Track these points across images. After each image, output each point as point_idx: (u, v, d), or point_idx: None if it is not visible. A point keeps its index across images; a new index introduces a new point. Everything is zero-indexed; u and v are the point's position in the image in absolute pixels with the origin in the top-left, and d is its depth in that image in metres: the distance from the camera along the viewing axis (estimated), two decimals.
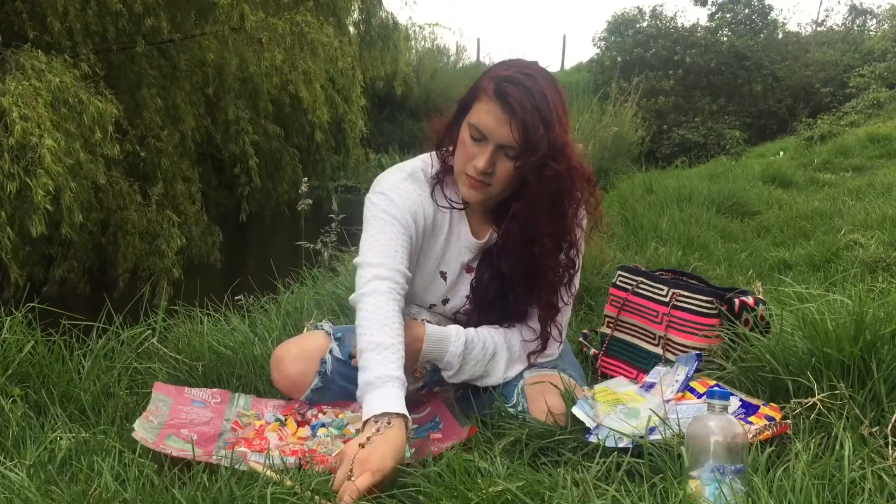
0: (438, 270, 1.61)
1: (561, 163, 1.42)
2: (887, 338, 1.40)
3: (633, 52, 14.91)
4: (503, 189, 1.47)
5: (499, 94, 1.39)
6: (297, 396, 1.65)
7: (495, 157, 1.43)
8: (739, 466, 1.12)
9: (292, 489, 1.21)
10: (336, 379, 1.64)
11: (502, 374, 1.59)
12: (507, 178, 1.45)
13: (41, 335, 1.80)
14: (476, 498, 1.12)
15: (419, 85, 14.05)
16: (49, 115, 4.35)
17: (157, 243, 5.61)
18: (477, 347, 1.56)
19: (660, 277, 1.89)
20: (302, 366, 1.62)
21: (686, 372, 1.51)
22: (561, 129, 1.41)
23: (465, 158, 1.46)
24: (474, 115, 1.44)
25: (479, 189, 1.47)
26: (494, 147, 1.42)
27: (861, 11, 17.00)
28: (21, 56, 4.59)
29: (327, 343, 1.65)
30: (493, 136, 1.41)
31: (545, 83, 1.41)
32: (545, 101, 1.39)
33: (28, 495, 1.20)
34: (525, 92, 1.38)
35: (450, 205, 1.57)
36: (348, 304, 1.53)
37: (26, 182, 4.14)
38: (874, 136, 7.87)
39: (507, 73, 1.42)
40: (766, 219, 4.63)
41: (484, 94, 1.43)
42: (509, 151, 1.42)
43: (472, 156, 1.44)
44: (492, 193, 1.48)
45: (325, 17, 7.42)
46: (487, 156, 1.42)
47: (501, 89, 1.39)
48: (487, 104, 1.41)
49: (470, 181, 1.46)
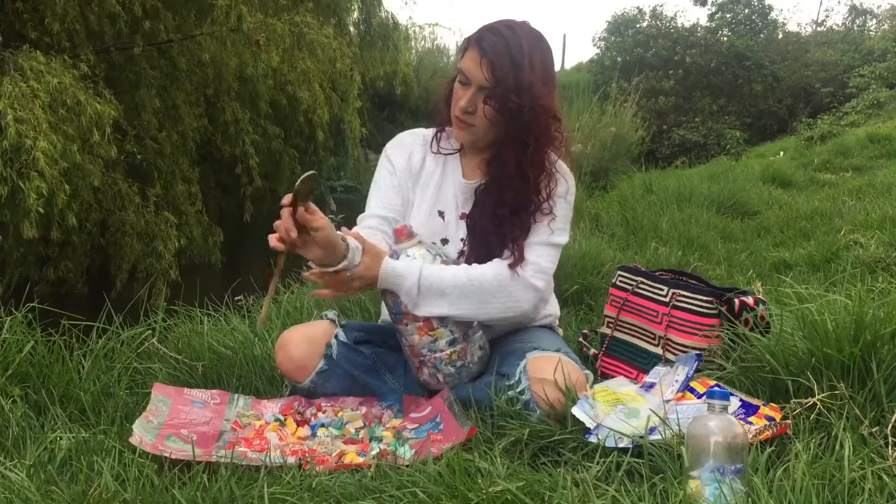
0: (436, 210, 1.71)
1: (524, 98, 1.53)
2: (887, 338, 1.40)
3: (633, 52, 14.93)
4: (485, 129, 1.60)
5: (477, 41, 1.56)
6: (301, 379, 1.66)
7: (476, 99, 1.57)
8: (739, 466, 1.12)
9: (292, 488, 1.21)
10: (341, 363, 1.67)
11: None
12: (485, 118, 1.58)
13: (41, 335, 1.80)
14: (476, 498, 1.12)
15: (419, 85, 14.03)
16: (46, 116, 4.33)
17: (155, 244, 5.61)
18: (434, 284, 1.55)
19: (660, 277, 1.89)
20: (307, 348, 1.66)
21: (686, 372, 1.51)
22: (533, 73, 1.53)
23: (454, 102, 1.61)
24: (462, 62, 1.60)
25: (465, 129, 1.62)
26: (476, 89, 1.56)
27: (861, 11, 17.02)
28: (20, 57, 4.57)
29: (332, 330, 1.70)
30: (473, 78, 1.56)
31: (524, 35, 1.56)
32: (519, 48, 1.53)
33: (28, 495, 1.20)
34: (500, 39, 1.54)
35: (439, 150, 1.74)
36: (348, 304, 1.55)
37: (19, 185, 4.12)
38: (874, 136, 7.88)
39: (492, 24, 1.59)
40: (766, 219, 4.63)
41: (469, 42, 1.59)
42: (486, 92, 1.55)
43: (459, 97, 1.59)
44: (477, 134, 1.62)
45: (326, 18, 7.42)
46: (469, 96, 1.57)
47: (481, 37, 1.57)
48: (470, 50, 1.58)
49: (458, 122, 1.62)
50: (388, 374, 1.73)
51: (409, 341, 1.61)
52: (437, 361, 1.60)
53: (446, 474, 1.21)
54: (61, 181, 4.33)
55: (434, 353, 1.59)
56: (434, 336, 1.58)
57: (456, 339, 1.59)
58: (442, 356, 1.59)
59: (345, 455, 1.44)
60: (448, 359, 1.60)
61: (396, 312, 1.58)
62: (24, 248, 4.97)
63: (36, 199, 4.12)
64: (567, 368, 1.51)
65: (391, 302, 1.58)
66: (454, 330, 1.59)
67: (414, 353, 1.62)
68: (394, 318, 1.61)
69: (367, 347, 1.73)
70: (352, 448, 1.48)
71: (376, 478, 1.31)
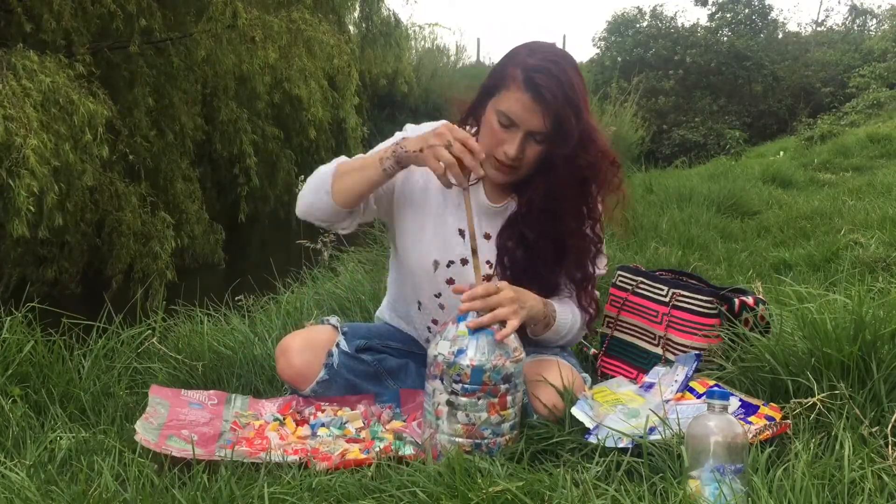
0: (457, 228, 1.60)
1: (591, 151, 1.49)
2: (887, 338, 1.41)
3: (633, 52, 14.93)
4: (531, 170, 1.52)
5: (529, 85, 1.42)
6: (301, 387, 1.65)
7: (525, 143, 1.47)
8: (739, 466, 1.12)
9: (292, 488, 1.21)
10: (342, 372, 1.65)
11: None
12: (536, 161, 1.50)
13: (40, 335, 1.80)
14: (476, 498, 1.12)
15: (419, 85, 14.02)
16: (38, 115, 4.32)
17: (152, 245, 5.60)
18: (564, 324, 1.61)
19: (660, 277, 1.89)
20: (308, 357, 1.64)
21: (686, 372, 1.51)
22: (588, 114, 1.48)
23: (493, 143, 1.49)
24: (503, 103, 1.46)
25: (507, 172, 1.52)
26: (524, 134, 1.46)
27: (861, 11, 17.02)
28: (13, 56, 4.57)
29: (334, 337, 1.67)
30: (524, 124, 1.45)
31: (570, 69, 1.46)
32: (573, 89, 1.43)
33: (28, 495, 1.20)
34: (555, 82, 1.42)
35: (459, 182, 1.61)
36: (348, 304, 1.54)
37: (9, 183, 4.11)
38: (874, 136, 7.89)
39: (535, 61, 1.45)
40: (766, 219, 4.63)
41: (513, 82, 1.45)
42: (538, 137, 1.46)
43: (502, 141, 1.48)
44: (520, 174, 1.53)
45: (325, 15, 7.41)
46: (518, 143, 1.46)
47: (532, 80, 1.42)
48: (517, 93, 1.44)
49: (499, 164, 1.51)
50: (390, 380, 1.71)
51: (471, 418, 1.35)
52: (494, 447, 1.37)
53: (446, 474, 1.21)
54: (51, 180, 4.32)
55: (497, 436, 1.37)
56: (502, 417, 1.37)
57: (515, 424, 1.41)
58: (501, 441, 1.38)
59: (348, 452, 1.44)
60: (505, 444, 1.38)
61: (474, 381, 1.34)
62: (22, 248, 4.96)
63: (26, 198, 4.11)
64: (565, 372, 1.50)
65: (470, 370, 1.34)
66: (517, 412, 1.41)
67: (471, 434, 1.35)
68: (457, 390, 1.35)
69: (368, 354, 1.70)
70: (355, 446, 1.49)
71: (376, 478, 1.31)
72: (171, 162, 6.51)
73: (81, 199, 5.16)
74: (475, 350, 1.35)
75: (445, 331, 1.40)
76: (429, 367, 1.41)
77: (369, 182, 1.52)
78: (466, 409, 1.35)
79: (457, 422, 1.35)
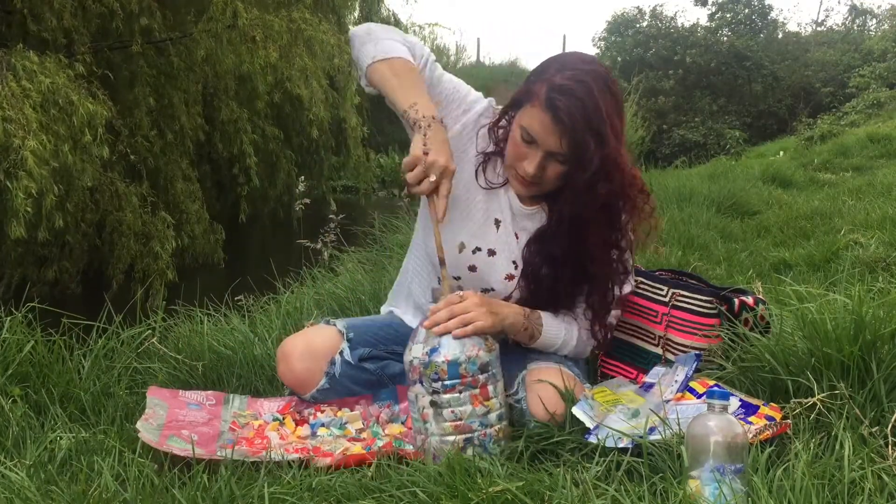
0: (493, 217, 1.58)
1: (614, 179, 1.43)
2: (887, 338, 1.41)
3: (633, 52, 14.94)
4: (553, 186, 1.49)
5: (549, 105, 1.38)
6: (302, 393, 1.65)
7: (545, 162, 1.44)
8: (739, 466, 1.12)
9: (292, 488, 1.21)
10: (343, 381, 1.64)
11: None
12: (558, 179, 1.47)
13: (41, 335, 1.80)
14: (476, 498, 1.12)
15: None
16: (37, 116, 4.31)
17: (152, 245, 5.60)
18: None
19: (660, 277, 1.88)
20: (309, 363, 1.62)
21: (685, 372, 1.51)
22: (615, 139, 1.40)
23: (515, 156, 1.48)
24: (525, 118, 1.43)
25: (529, 187, 1.51)
26: (544, 153, 1.43)
27: (861, 11, 17.02)
28: (13, 57, 4.55)
29: (338, 342, 1.64)
30: (543, 144, 1.42)
31: (599, 90, 1.38)
32: (598, 113, 1.37)
33: (28, 495, 1.20)
34: (578, 105, 1.36)
35: (488, 185, 1.58)
36: (348, 304, 1.54)
37: (6, 185, 4.10)
38: (874, 136, 7.89)
39: (561, 80, 1.39)
40: (766, 219, 4.63)
41: (536, 99, 1.41)
42: (559, 157, 1.43)
43: (523, 156, 1.46)
44: (542, 190, 1.52)
45: (325, 15, 7.41)
46: (537, 162, 1.44)
47: (552, 101, 1.37)
48: (538, 112, 1.40)
49: (520, 179, 1.49)
50: (392, 385, 1.70)
51: (457, 413, 1.37)
52: (486, 439, 1.38)
53: (446, 474, 1.21)
54: (50, 182, 4.31)
55: (486, 427, 1.38)
56: (487, 407, 1.39)
57: (503, 414, 1.42)
58: (491, 432, 1.39)
59: (349, 450, 1.44)
60: (496, 436, 1.40)
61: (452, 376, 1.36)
62: (22, 248, 4.96)
63: (24, 199, 4.09)
64: (567, 381, 1.50)
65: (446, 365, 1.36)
66: (502, 402, 1.43)
67: (460, 430, 1.37)
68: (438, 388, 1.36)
69: (371, 363, 1.67)
70: (356, 444, 1.49)
71: (376, 478, 1.31)
72: (172, 162, 6.51)
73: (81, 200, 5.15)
74: (447, 346, 1.37)
75: (416, 336, 1.41)
76: (407, 375, 1.41)
77: (393, 105, 1.50)
78: (451, 405, 1.36)
79: (444, 420, 1.36)
